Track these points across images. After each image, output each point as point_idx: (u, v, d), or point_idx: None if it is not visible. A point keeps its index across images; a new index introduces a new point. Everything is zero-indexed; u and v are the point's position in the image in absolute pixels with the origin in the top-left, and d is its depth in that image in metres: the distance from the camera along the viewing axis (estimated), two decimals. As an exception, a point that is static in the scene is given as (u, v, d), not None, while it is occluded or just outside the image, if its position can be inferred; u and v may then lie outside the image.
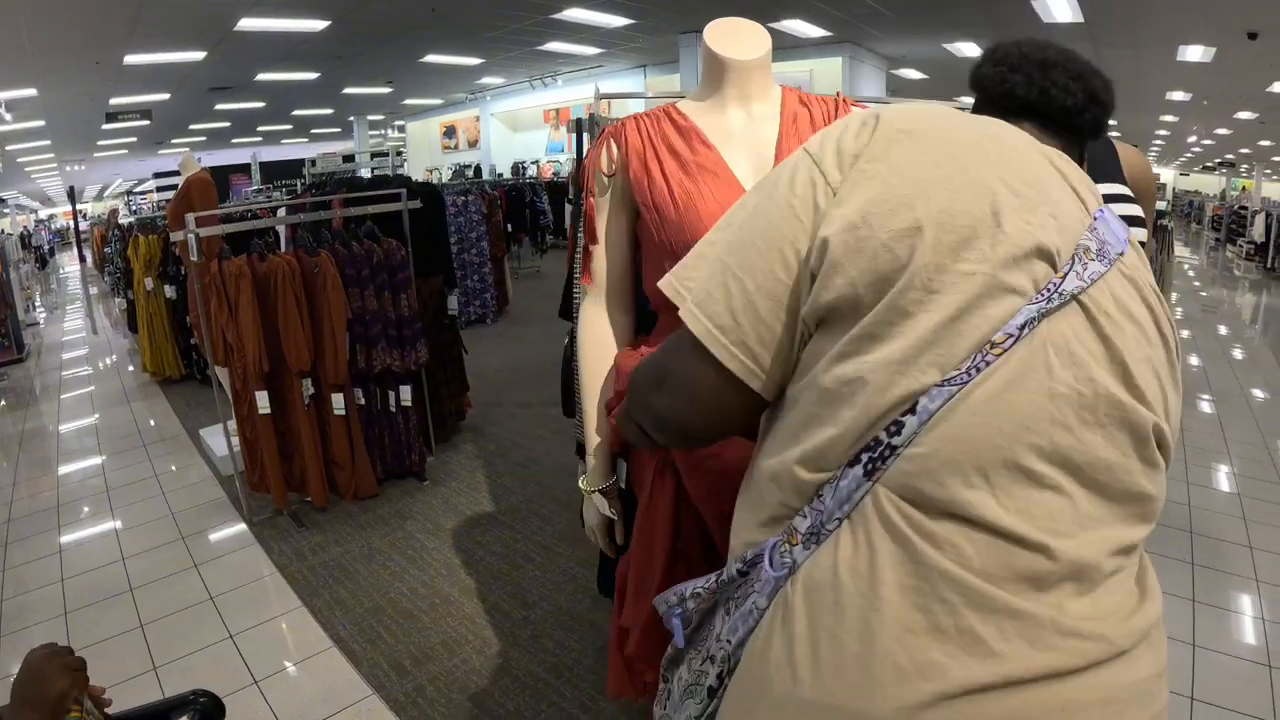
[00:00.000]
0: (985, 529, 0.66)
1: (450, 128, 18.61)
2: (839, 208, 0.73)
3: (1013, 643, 0.64)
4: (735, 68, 1.38)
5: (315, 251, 3.29)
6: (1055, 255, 0.70)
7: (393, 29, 9.41)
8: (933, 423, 0.67)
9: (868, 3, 8.55)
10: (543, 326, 7.46)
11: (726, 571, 0.80)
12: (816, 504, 0.72)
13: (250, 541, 3.29)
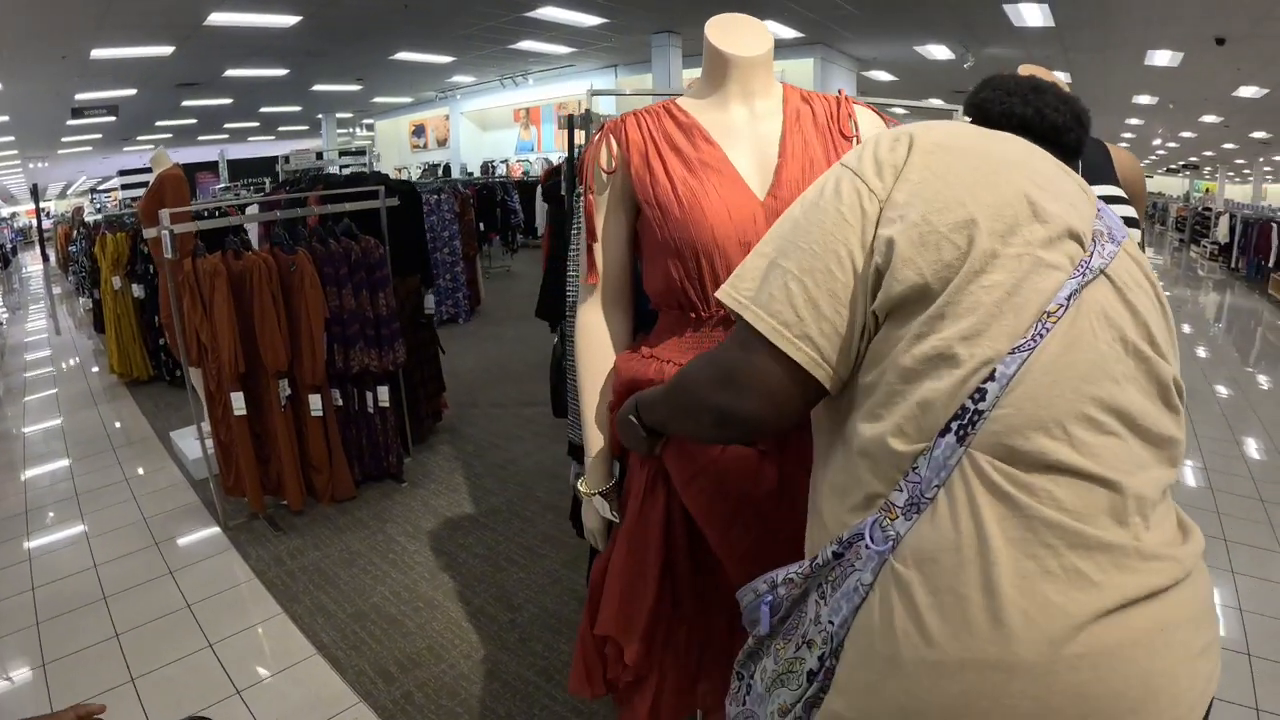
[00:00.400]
0: (1070, 474, 0.74)
1: (419, 126, 18.52)
2: (893, 210, 0.82)
3: (1108, 573, 0.72)
4: (739, 64, 1.36)
5: (292, 249, 3.22)
6: (1082, 236, 0.82)
7: (364, 25, 9.32)
8: (1011, 385, 0.75)
9: (841, 4, 8.60)
10: (516, 326, 7.43)
11: (822, 555, 0.83)
12: (912, 476, 0.77)
13: (226, 546, 3.20)
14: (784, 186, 1.30)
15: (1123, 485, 0.74)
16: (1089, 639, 0.69)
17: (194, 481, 3.85)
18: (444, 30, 10.08)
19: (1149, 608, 0.72)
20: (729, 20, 1.39)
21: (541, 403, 5.22)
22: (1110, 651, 0.70)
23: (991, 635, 0.70)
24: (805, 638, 0.84)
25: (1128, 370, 0.79)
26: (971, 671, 0.71)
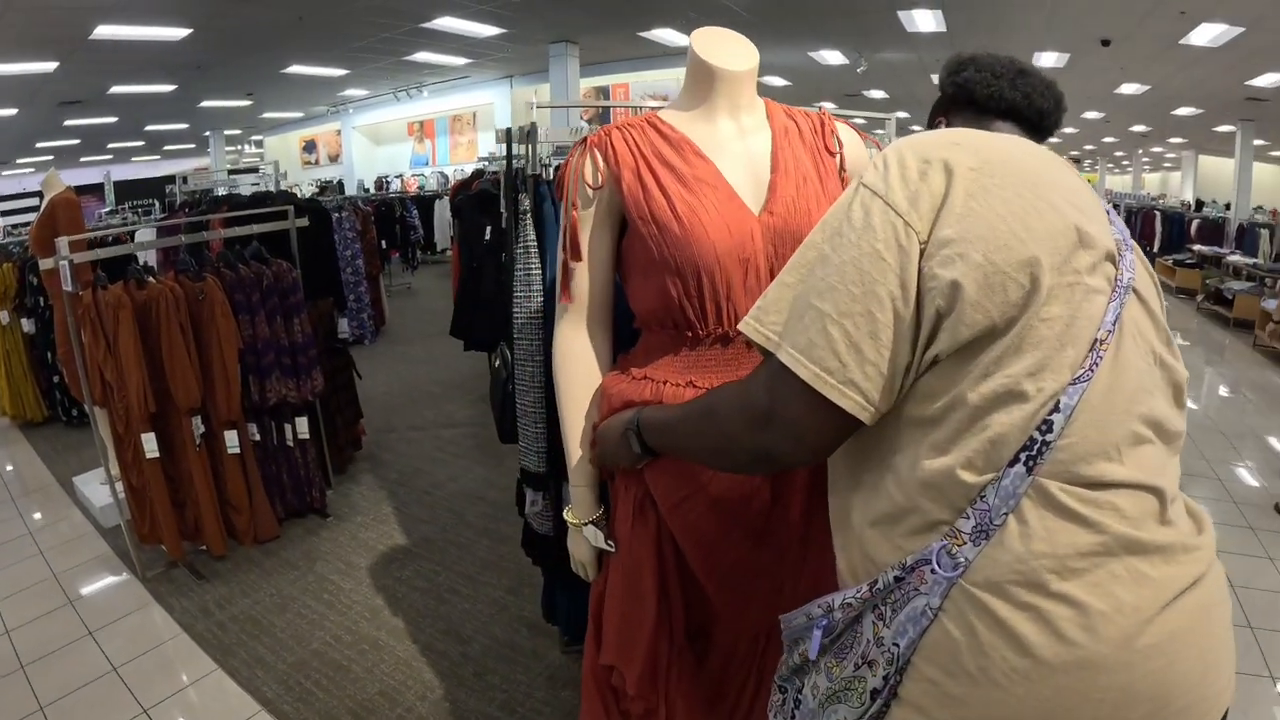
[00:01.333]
0: (1127, 487, 0.80)
1: (310, 142, 17.95)
2: (945, 248, 0.80)
3: (1161, 569, 0.79)
4: (727, 78, 1.35)
5: (199, 276, 3.01)
6: (1115, 255, 0.85)
7: (257, 38, 8.96)
8: (1074, 415, 0.78)
9: (739, 13, 8.72)
10: (424, 345, 7.26)
11: (882, 579, 0.85)
12: (980, 505, 0.79)
13: (147, 600, 2.94)
14: (780, 202, 1.29)
15: (1163, 489, 0.82)
16: (1157, 630, 0.76)
17: (103, 530, 3.53)
18: (338, 42, 9.78)
19: (1194, 594, 0.80)
20: (715, 34, 1.38)
21: (461, 424, 5.12)
22: (1175, 637, 0.77)
23: (1079, 638, 0.75)
24: (866, 658, 0.86)
25: (1156, 380, 0.87)
26: (1062, 674, 0.75)
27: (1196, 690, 0.78)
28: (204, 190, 5.80)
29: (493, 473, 4.28)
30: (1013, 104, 1.09)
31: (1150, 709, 0.76)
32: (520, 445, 2.18)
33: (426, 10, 8.51)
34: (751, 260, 1.26)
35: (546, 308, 2.05)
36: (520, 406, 2.13)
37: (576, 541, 1.51)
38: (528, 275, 2.03)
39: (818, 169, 1.36)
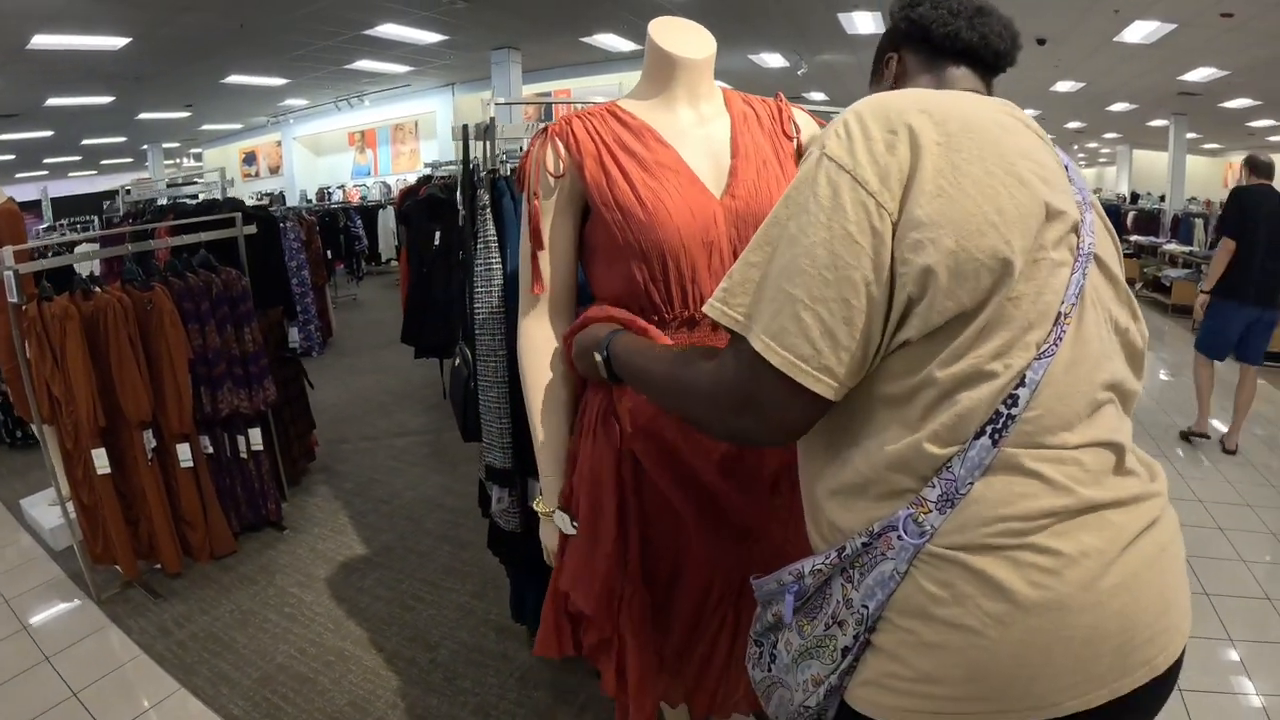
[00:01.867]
0: (1089, 446, 0.84)
1: (250, 154, 17.58)
2: (917, 230, 0.80)
3: (1121, 515, 0.84)
4: (686, 66, 1.37)
5: (147, 285, 2.92)
6: (1079, 224, 0.87)
7: (197, 47, 8.79)
8: (1039, 389, 0.81)
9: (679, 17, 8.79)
10: (373, 356, 7.18)
11: (850, 545, 0.87)
12: (946, 474, 0.82)
13: (104, 622, 2.83)
14: (741, 186, 1.32)
15: (1121, 444, 0.86)
16: (1119, 570, 0.81)
17: (54, 553, 3.40)
18: (279, 51, 9.61)
19: (1151, 535, 0.86)
20: (673, 23, 1.39)
21: (414, 433, 5.06)
22: (1137, 575, 0.82)
23: (1048, 582, 0.79)
24: (836, 618, 0.89)
25: (1115, 346, 0.91)
26: (1034, 616, 0.79)
27: (1159, 623, 0.83)
28: (147, 200, 5.65)
29: (449, 479, 4.24)
30: (969, 45, 1.04)
31: (1118, 643, 0.81)
32: (484, 442, 2.16)
33: (369, 17, 8.42)
34: (715, 243, 1.29)
35: (507, 303, 2.04)
36: (483, 403, 2.12)
37: (548, 531, 1.52)
38: (488, 270, 2.02)
39: (776, 153, 1.40)
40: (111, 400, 2.80)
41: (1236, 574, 3.30)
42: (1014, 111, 0.93)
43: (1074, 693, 0.80)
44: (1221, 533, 3.70)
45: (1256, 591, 3.16)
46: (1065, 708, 0.80)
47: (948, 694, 0.82)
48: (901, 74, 1.10)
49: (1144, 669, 0.82)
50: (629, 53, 11.00)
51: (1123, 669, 0.81)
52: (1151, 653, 0.83)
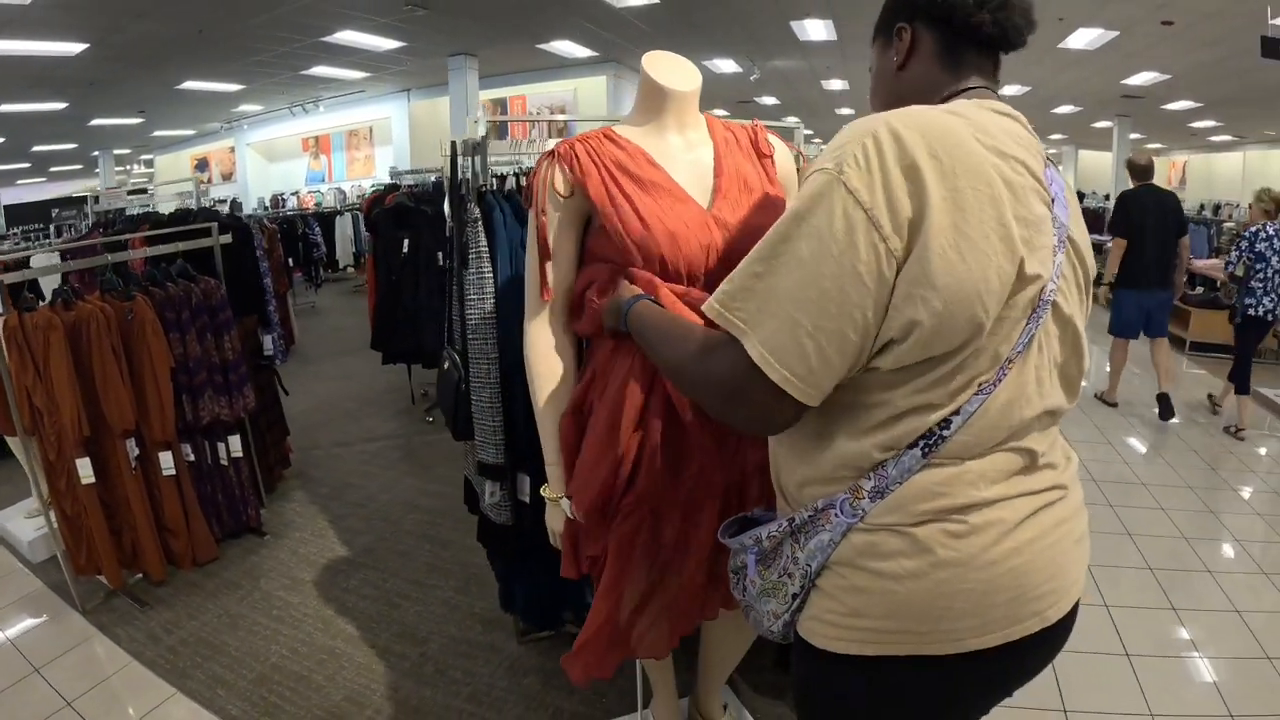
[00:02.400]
0: (1005, 452, 0.98)
1: (203, 160, 17.26)
2: (914, 285, 0.87)
3: (1025, 497, 0.99)
4: (676, 97, 1.55)
5: (127, 295, 2.95)
6: (1044, 279, 0.93)
7: (154, 52, 8.70)
8: (972, 419, 0.94)
9: (634, 24, 8.88)
10: (338, 363, 7.18)
11: (799, 517, 1.04)
12: (880, 471, 0.96)
13: (91, 633, 2.83)
14: (725, 200, 1.50)
15: (1036, 451, 1.01)
16: (1017, 537, 0.97)
17: (33, 566, 3.38)
18: (236, 56, 9.52)
19: (1050, 511, 1.01)
20: (664, 57, 1.57)
21: (385, 437, 5.10)
22: (1032, 542, 0.98)
23: (956, 544, 0.95)
24: (786, 571, 1.07)
25: (1052, 381, 1.02)
26: (942, 570, 0.95)
27: (1050, 584, 0.99)
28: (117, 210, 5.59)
29: (423, 481, 4.31)
30: (990, 37, 1.05)
31: (1010, 597, 0.96)
32: (477, 440, 2.25)
33: (328, 24, 8.41)
34: (712, 245, 1.45)
35: (498, 310, 2.14)
36: (476, 403, 2.21)
37: (554, 515, 1.67)
38: (481, 279, 2.11)
39: (755, 170, 1.59)
40: (94, 410, 2.81)
41: (1176, 549, 3.54)
42: (1019, 135, 0.98)
43: (973, 633, 0.96)
44: (1164, 512, 3.92)
45: (1197, 565, 3.38)
46: (968, 644, 0.96)
47: (871, 626, 0.98)
48: (913, 50, 1.10)
49: (1035, 619, 0.98)
50: (585, 59, 11.10)
51: (1015, 618, 0.97)
52: (1042, 606, 0.98)
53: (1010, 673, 1.05)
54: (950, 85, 1.07)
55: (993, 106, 1.01)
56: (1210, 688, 2.55)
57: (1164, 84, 11.20)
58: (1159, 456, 4.82)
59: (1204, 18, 7.42)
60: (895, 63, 1.12)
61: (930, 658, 0.97)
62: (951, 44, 1.06)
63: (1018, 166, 0.93)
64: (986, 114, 0.98)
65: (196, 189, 5.23)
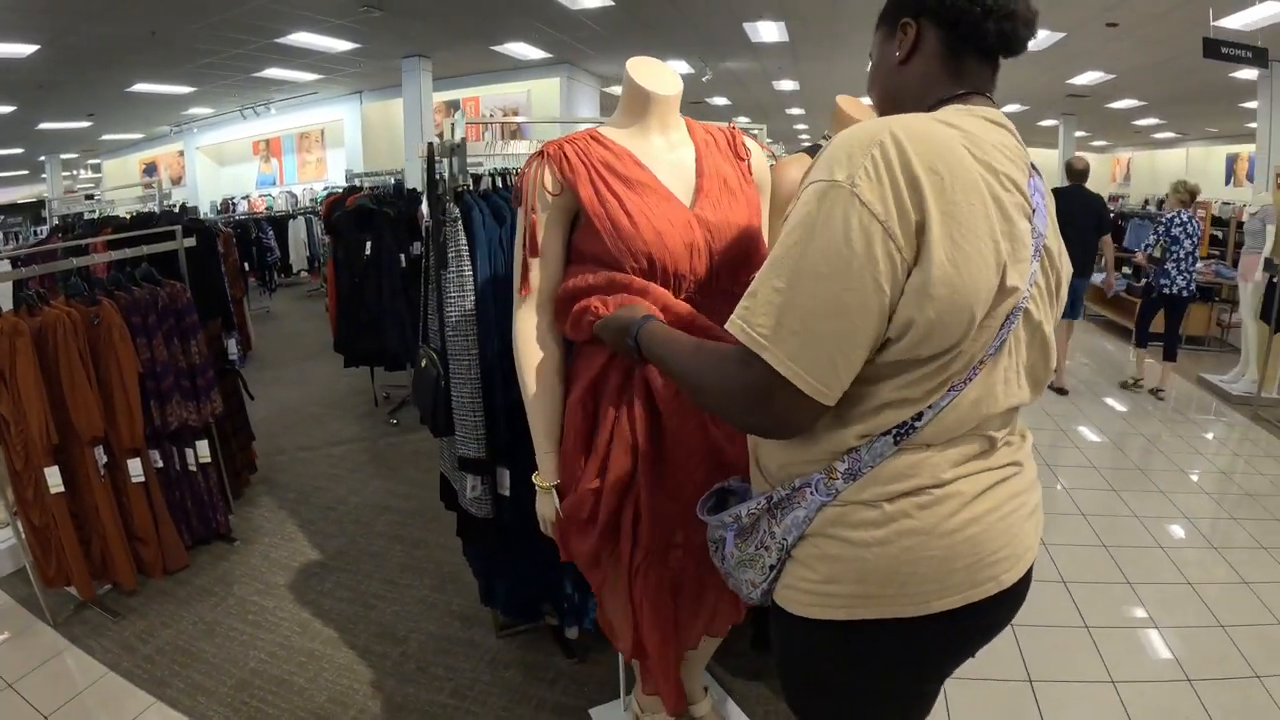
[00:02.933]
0: (968, 440, 1.06)
1: (151, 164, 16.84)
2: (915, 292, 0.92)
3: (982, 472, 1.07)
4: (660, 101, 1.62)
5: (93, 300, 2.92)
6: (1021, 290, 0.99)
7: (107, 54, 8.53)
8: (942, 414, 1.01)
9: (587, 24, 8.90)
10: (297, 368, 7.11)
11: (776, 495, 1.11)
12: (854, 455, 1.03)
13: (64, 645, 2.77)
14: (707, 199, 1.57)
15: (995, 437, 1.09)
16: (976, 506, 1.05)
17: (0, 579, 3.29)
18: (187, 59, 9.35)
19: (1006, 485, 1.10)
20: (648, 63, 1.63)
21: (350, 440, 5.08)
22: (988, 513, 1.06)
23: (919, 514, 1.03)
24: (763, 544, 1.14)
25: (1019, 382, 1.08)
26: (906, 539, 1.02)
27: (1004, 550, 1.07)
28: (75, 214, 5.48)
29: (391, 483, 4.31)
30: (990, 47, 1.08)
31: (969, 563, 1.04)
32: (458, 435, 2.28)
33: (282, 25, 8.31)
34: (695, 244, 1.52)
35: (478, 307, 2.17)
36: (457, 399, 2.24)
37: (544, 503, 1.71)
38: (460, 278, 2.14)
39: (735, 173, 1.66)
40: (61, 417, 2.77)
41: (1129, 527, 3.71)
42: (1008, 147, 1.02)
43: (936, 596, 1.04)
44: (1116, 493, 4.07)
45: (1149, 541, 3.52)
46: (932, 606, 1.04)
47: (843, 592, 1.06)
48: (916, 48, 1.11)
49: (991, 583, 1.06)
50: (539, 61, 11.09)
51: (973, 582, 1.05)
52: (998, 571, 1.06)
53: (970, 632, 1.12)
54: (948, 88, 1.09)
55: (986, 115, 1.04)
56: (1168, 655, 2.68)
57: (1109, 83, 11.49)
58: (1109, 440, 5.00)
59: (1149, 19, 7.65)
60: (898, 57, 1.12)
61: (898, 620, 1.05)
62: (955, 47, 1.08)
63: (1006, 182, 0.97)
64: (979, 123, 1.02)
65: (159, 191, 5.15)
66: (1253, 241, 6.05)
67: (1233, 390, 6.04)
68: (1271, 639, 2.75)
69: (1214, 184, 16.79)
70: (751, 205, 1.63)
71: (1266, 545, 3.49)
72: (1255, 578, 3.18)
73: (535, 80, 11.77)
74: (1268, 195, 6.16)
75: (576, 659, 2.62)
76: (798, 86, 13.19)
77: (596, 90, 12.76)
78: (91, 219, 5.18)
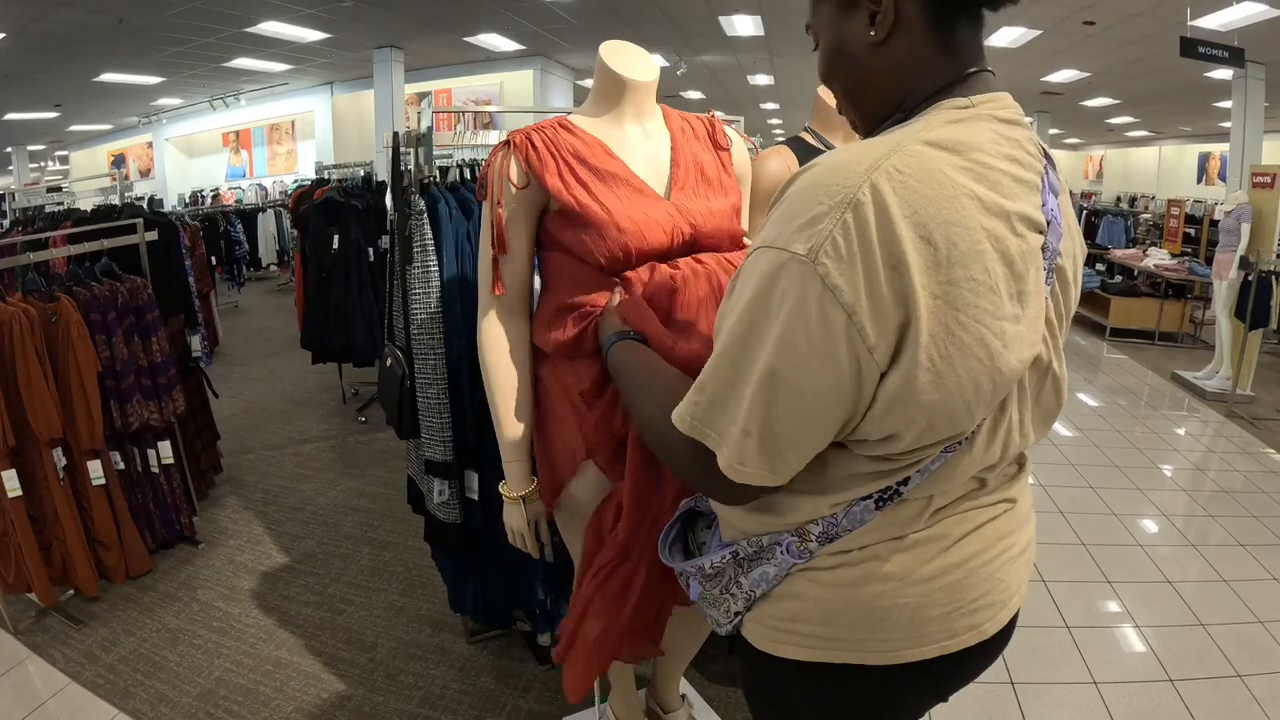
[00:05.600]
0: None
1: (119, 156, 16.53)
2: (895, 404, 0.78)
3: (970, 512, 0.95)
4: (635, 88, 1.52)
5: (51, 296, 2.81)
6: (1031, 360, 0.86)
7: (74, 43, 8.36)
8: (932, 475, 0.89)
9: (562, 16, 8.83)
10: (263, 364, 6.98)
11: (743, 550, 0.99)
12: (829, 520, 0.92)
13: (25, 654, 2.67)
14: (682, 190, 1.49)
15: (985, 478, 0.96)
16: (956, 552, 0.93)
17: None
18: (156, 48, 9.16)
19: (994, 524, 0.97)
20: (622, 47, 1.54)
21: (317, 439, 4.98)
22: (971, 557, 0.94)
23: (893, 560, 0.92)
24: (728, 590, 1.03)
25: (1019, 434, 0.94)
26: (879, 583, 0.91)
27: (987, 597, 0.95)
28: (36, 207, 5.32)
29: (359, 483, 4.22)
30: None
31: (945, 610, 0.93)
32: (423, 438, 2.21)
33: (251, 14, 8.16)
34: (676, 231, 1.44)
35: (446, 304, 2.10)
36: (423, 401, 2.17)
37: (513, 513, 1.62)
38: (426, 274, 2.07)
39: (713, 162, 1.58)
40: (18, 418, 2.67)
41: (1107, 525, 3.70)
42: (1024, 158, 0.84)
43: (909, 645, 0.93)
44: (1093, 490, 4.07)
45: (1128, 539, 3.51)
46: (904, 656, 0.93)
47: (809, 632, 0.96)
48: (896, 27, 0.85)
49: (971, 633, 0.95)
50: (511, 53, 11.01)
51: (950, 631, 0.93)
52: (979, 620, 0.95)
53: (945, 680, 1.03)
54: (947, 69, 0.86)
55: (999, 113, 0.84)
56: (1148, 654, 2.67)
57: (1084, 81, 11.58)
58: (1085, 438, 4.99)
59: (1125, 18, 7.68)
60: (873, 36, 0.86)
61: (865, 666, 0.95)
62: (942, 13, 0.84)
63: (1019, 225, 0.79)
64: (988, 131, 0.82)
65: (121, 183, 5.01)
66: (1227, 239, 6.08)
67: (1207, 387, 6.07)
68: (1251, 638, 2.75)
69: (1186, 182, 17.00)
70: (731, 195, 1.55)
71: (1243, 543, 3.50)
72: (1232, 575, 3.18)
73: (508, 73, 11.68)
74: (1243, 194, 6.16)
75: (549, 665, 2.56)
76: (773, 81, 13.18)
77: (570, 83, 12.69)
78: (52, 212, 5.03)
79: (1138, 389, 6.27)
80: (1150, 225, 12.57)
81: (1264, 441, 5.00)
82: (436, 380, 2.13)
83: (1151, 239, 11.80)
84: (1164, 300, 7.95)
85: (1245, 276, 5.68)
